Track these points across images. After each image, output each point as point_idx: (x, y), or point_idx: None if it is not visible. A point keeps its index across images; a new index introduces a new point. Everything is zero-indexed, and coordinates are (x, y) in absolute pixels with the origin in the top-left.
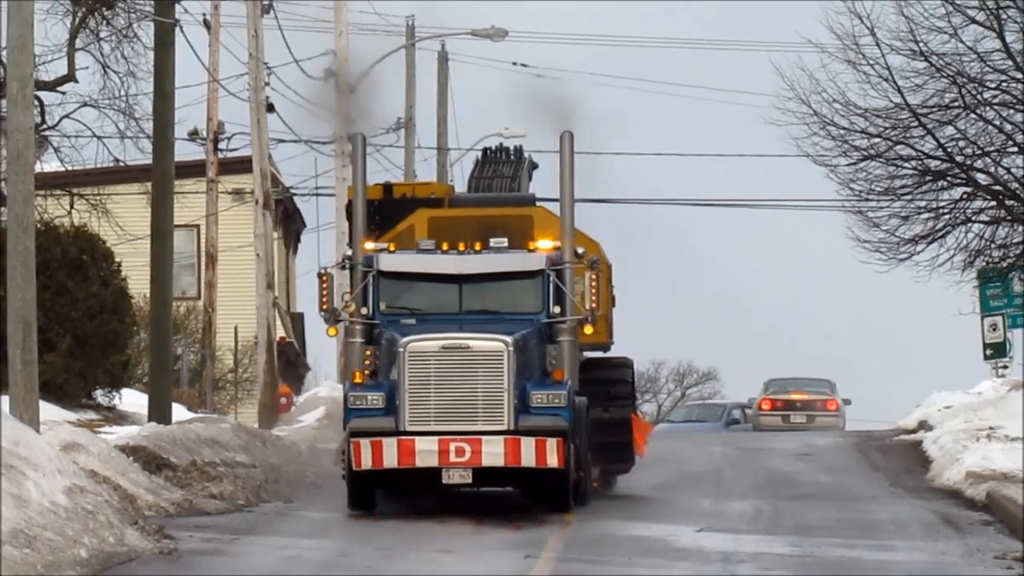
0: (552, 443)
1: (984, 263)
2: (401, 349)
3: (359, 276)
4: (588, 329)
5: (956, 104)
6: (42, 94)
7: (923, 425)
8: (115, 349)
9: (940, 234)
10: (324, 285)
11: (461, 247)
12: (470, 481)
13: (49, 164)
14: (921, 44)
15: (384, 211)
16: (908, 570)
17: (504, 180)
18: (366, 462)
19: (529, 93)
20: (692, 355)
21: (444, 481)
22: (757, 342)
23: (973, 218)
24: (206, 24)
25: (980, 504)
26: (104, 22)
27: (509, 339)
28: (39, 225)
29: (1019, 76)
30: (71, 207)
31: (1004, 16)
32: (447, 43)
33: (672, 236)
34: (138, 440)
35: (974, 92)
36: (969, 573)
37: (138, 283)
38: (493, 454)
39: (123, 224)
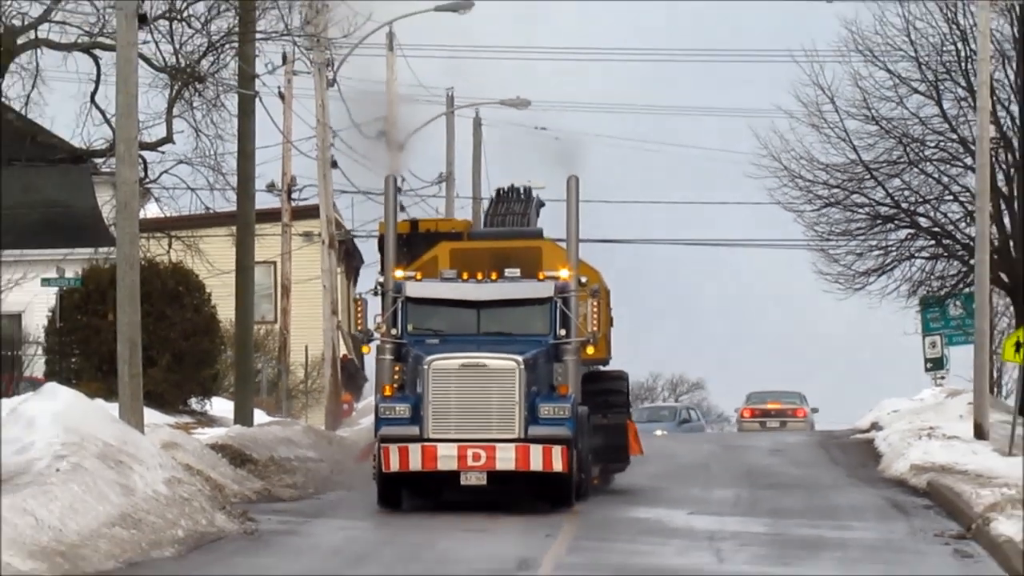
0: (557, 450)
1: (925, 292)
2: (426, 366)
3: (389, 301)
4: (590, 349)
5: (902, 160)
6: (145, 153)
7: (875, 426)
8: (206, 364)
9: (888, 268)
10: (358, 309)
11: (479, 276)
12: (485, 483)
13: (150, 211)
14: (873, 110)
15: (411, 243)
16: (863, 545)
17: (515, 216)
18: (394, 465)
19: (547, 151)
20: (684, 368)
21: (462, 483)
22: (739, 358)
23: (916, 255)
24: (281, 96)
25: (922, 491)
26: (196, 93)
27: (521, 358)
28: (143, 262)
29: (954, 137)
30: (169, 247)
31: (942, 87)
32: (480, 110)
33: (669, 270)
34: (225, 439)
35: (917, 150)
36: (913, 548)
37: (225, 310)
38: (506, 459)
39: (212, 261)
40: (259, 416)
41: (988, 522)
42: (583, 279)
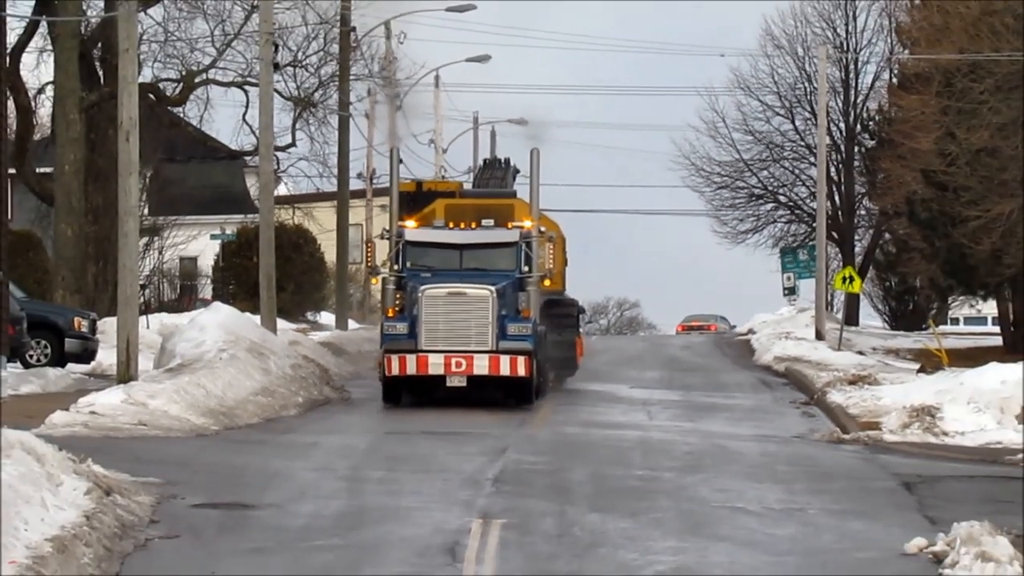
0: (521, 360)
1: (783, 244)
2: (420, 294)
3: (393, 244)
4: (547, 282)
5: (768, 159)
6: (277, 153)
7: (750, 331)
8: (317, 290)
9: (759, 229)
10: (370, 250)
11: (463, 225)
12: (465, 385)
13: (281, 190)
14: (749, 126)
15: (416, 199)
16: (744, 408)
17: (497, 180)
18: (395, 371)
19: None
20: (626, 293)
21: (447, 384)
22: (662, 286)
23: (777, 220)
24: (366, 115)
25: (781, 374)
26: (311, 114)
27: (493, 288)
28: (276, 224)
29: (803, 144)
30: (293, 214)
31: (794, 111)
32: (495, 126)
33: (618, 227)
34: (329, 339)
35: (778, 152)
36: (776, 410)
37: (329, 255)
38: (481, 366)
39: (321, 223)
40: (351, 324)
41: (824, 394)
42: (543, 228)
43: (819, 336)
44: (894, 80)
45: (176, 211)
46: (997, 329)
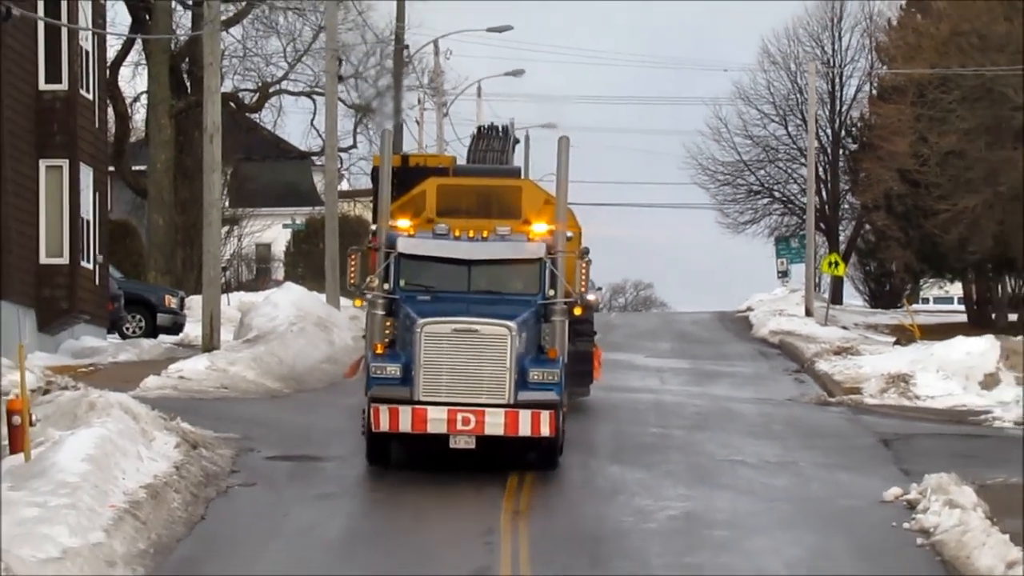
0: (546, 415)
1: (778, 234)
2: (418, 330)
3: (383, 256)
4: (578, 311)
5: (764, 160)
6: (341, 154)
7: (749, 308)
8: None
9: (757, 220)
10: (352, 263)
11: (471, 234)
12: (473, 447)
13: (343, 186)
14: (749, 131)
15: (402, 176)
16: (744, 375)
17: (495, 153)
18: (384, 425)
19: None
20: (642, 275)
21: (451, 446)
22: (676, 270)
23: (772, 213)
24: (417, 121)
25: (776, 346)
26: (370, 119)
27: (513, 324)
28: (339, 215)
29: (795, 147)
30: (354, 206)
31: (788, 118)
32: (529, 132)
33: (638, 218)
34: None
35: (772, 155)
36: (772, 377)
37: None
38: (495, 424)
39: None
40: None
41: (813, 363)
42: (569, 234)
43: (808, 313)
44: (874, 92)
45: (253, 204)
46: (963, 308)
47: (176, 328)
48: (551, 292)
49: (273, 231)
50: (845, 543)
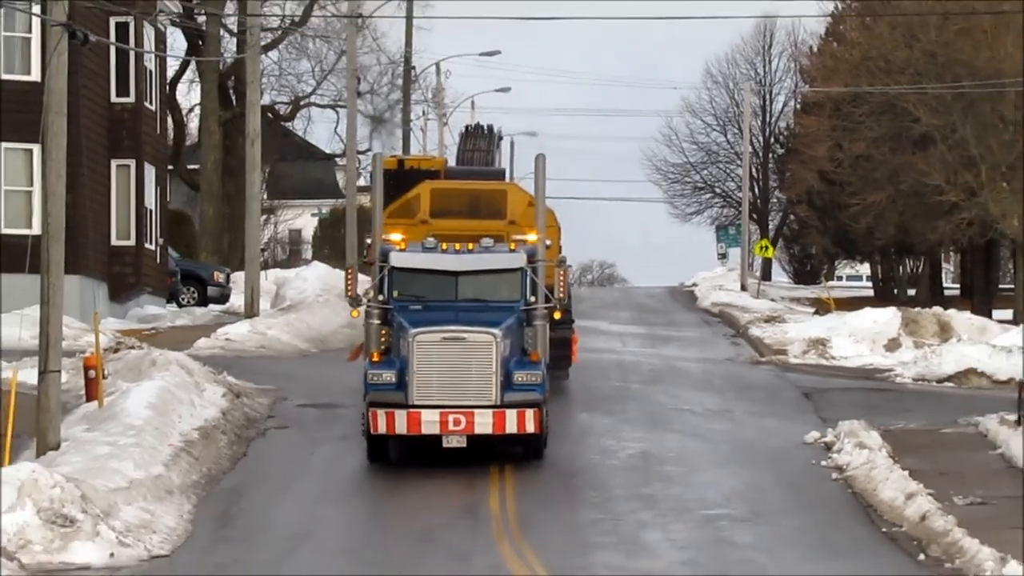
0: (530, 413)
1: (718, 223)
2: (411, 339)
3: (377, 269)
4: (557, 315)
5: (707, 162)
6: (359, 156)
7: (694, 284)
8: None
9: (701, 211)
10: (349, 276)
11: (457, 247)
12: (465, 446)
13: (360, 182)
14: (695, 137)
15: (397, 179)
16: (690, 339)
17: (481, 153)
18: (381, 428)
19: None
20: (605, 256)
21: (444, 445)
22: (634, 252)
23: (713, 205)
24: (422, 130)
25: (716, 315)
26: (383, 128)
27: (497, 331)
28: (357, 206)
29: (732, 151)
30: (369, 198)
31: (727, 128)
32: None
33: (605, 209)
34: None
35: (714, 158)
36: (712, 340)
37: None
38: (483, 424)
39: None
40: None
41: (747, 330)
42: (548, 242)
43: (743, 288)
44: (798, 106)
45: (286, 196)
46: (870, 284)
47: (223, 299)
48: (532, 298)
49: (303, 219)
50: (773, 477)
